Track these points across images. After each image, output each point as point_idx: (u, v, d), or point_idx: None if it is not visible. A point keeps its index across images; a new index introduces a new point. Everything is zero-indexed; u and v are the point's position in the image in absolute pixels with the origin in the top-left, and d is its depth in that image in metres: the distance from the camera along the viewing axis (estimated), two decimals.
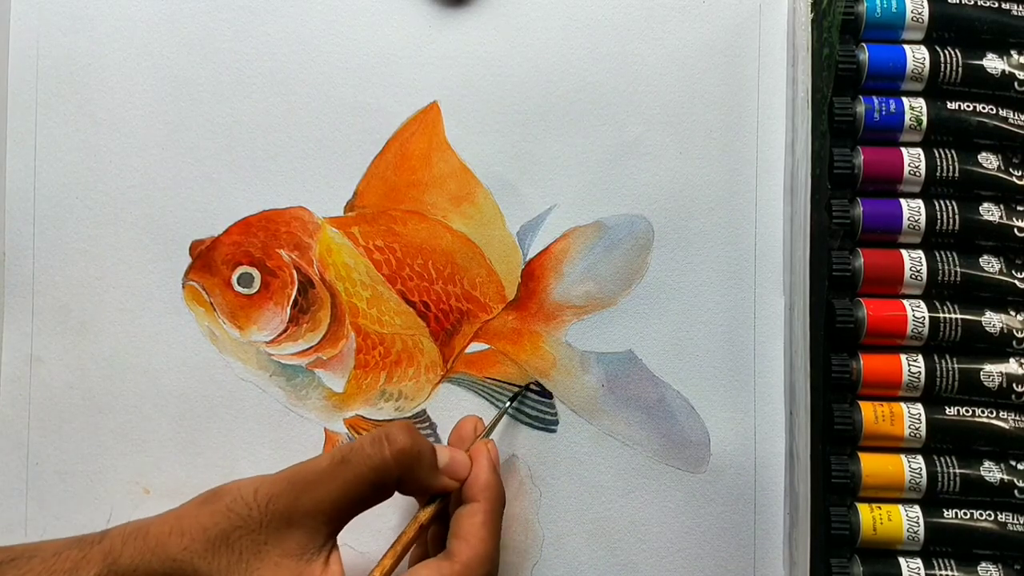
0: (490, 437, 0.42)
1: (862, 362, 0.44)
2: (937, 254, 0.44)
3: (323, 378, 0.44)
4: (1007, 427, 0.43)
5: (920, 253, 0.44)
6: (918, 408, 0.44)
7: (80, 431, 0.44)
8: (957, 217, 0.44)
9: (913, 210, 0.44)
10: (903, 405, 0.44)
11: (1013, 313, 0.44)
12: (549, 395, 0.44)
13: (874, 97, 0.45)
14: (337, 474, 0.35)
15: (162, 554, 0.34)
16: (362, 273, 0.45)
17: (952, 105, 0.45)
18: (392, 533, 0.43)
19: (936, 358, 0.44)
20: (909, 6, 0.45)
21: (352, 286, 0.45)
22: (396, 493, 0.37)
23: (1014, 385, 0.43)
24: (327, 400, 0.44)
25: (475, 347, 0.45)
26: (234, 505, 0.35)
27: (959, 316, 0.44)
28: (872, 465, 0.43)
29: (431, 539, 0.40)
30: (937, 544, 0.43)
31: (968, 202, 0.44)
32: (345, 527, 0.36)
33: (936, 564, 0.43)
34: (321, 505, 0.35)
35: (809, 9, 0.45)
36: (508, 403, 0.43)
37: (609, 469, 0.44)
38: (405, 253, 0.45)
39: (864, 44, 0.45)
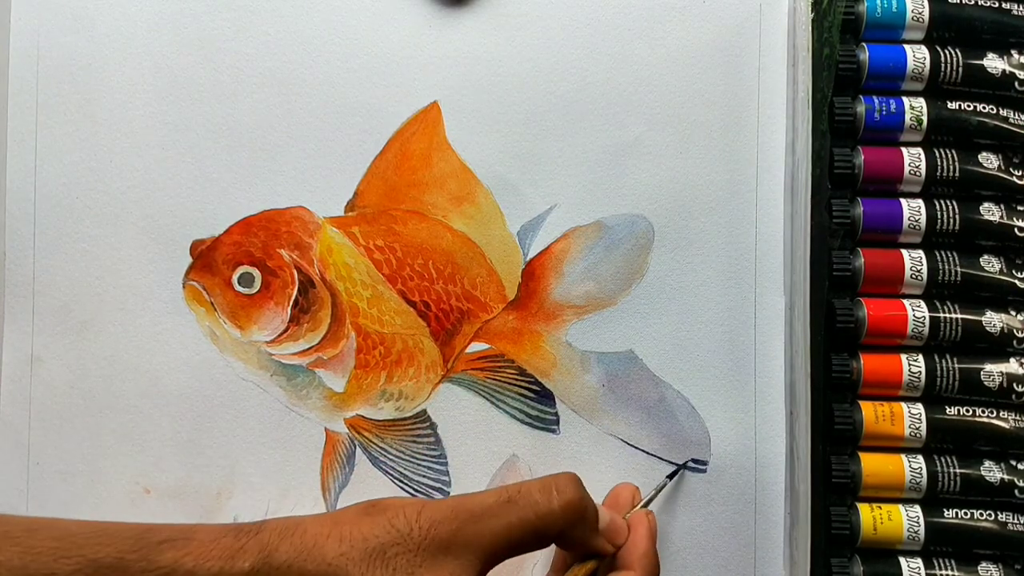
0: (648, 508, 0.42)
1: (862, 362, 0.44)
2: (937, 254, 0.44)
3: (324, 378, 0.44)
4: (1007, 427, 0.43)
5: (920, 253, 0.44)
6: (918, 408, 0.44)
7: (80, 431, 0.44)
8: (957, 217, 0.44)
9: (913, 210, 0.44)
10: (903, 405, 0.44)
11: (1013, 313, 0.44)
12: (550, 396, 0.44)
13: (874, 97, 0.45)
14: (502, 512, 0.35)
15: (318, 556, 0.34)
16: (363, 273, 0.45)
17: (952, 105, 0.45)
18: None
19: (936, 358, 0.44)
20: (909, 6, 0.45)
21: (353, 286, 0.45)
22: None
23: (1014, 385, 0.43)
24: (328, 400, 0.44)
25: (475, 347, 0.45)
26: (396, 521, 0.35)
27: (959, 316, 0.44)
28: (872, 465, 0.43)
29: None
30: (937, 544, 0.43)
31: (968, 202, 0.44)
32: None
33: (936, 564, 0.43)
34: (481, 540, 0.35)
35: (809, 9, 0.45)
36: (667, 480, 0.43)
37: (609, 469, 0.44)
38: (405, 253, 0.45)
39: (864, 44, 0.45)
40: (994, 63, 0.44)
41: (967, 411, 0.44)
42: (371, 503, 0.36)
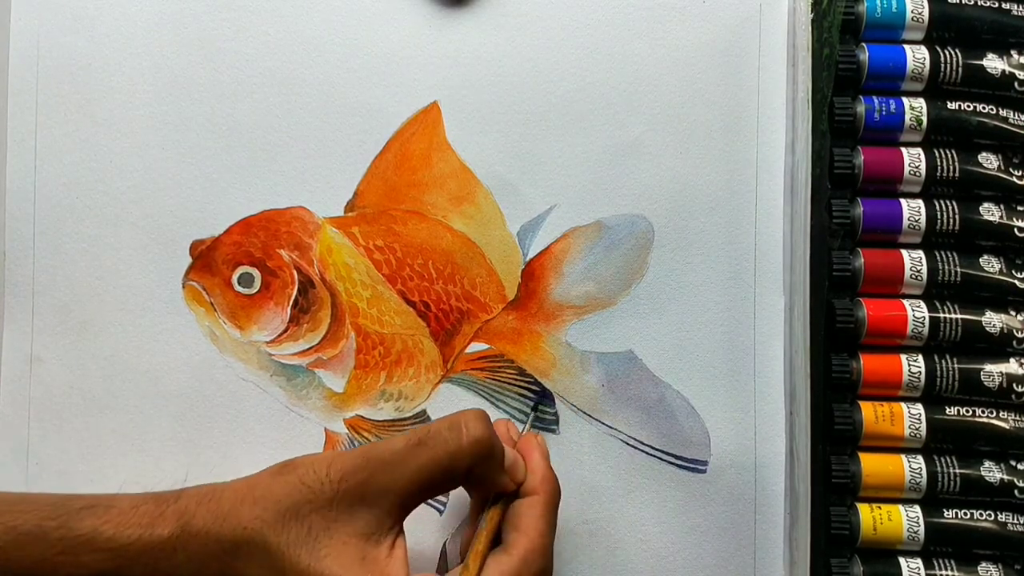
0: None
1: (862, 362, 0.44)
2: (937, 254, 0.44)
3: (323, 378, 0.44)
4: (1007, 427, 0.43)
5: (920, 253, 0.44)
6: (918, 408, 0.44)
7: (80, 431, 0.44)
8: (957, 217, 0.44)
9: (913, 210, 0.44)
10: (903, 405, 0.44)
11: (1013, 313, 0.44)
12: (550, 396, 0.44)
13: (874, 97, 0.45)
14: (412, 456, 0.35)
15: (234, 521, 0.34)
16: (362, 273, 0.45)
17: (952, 105, 0.45)
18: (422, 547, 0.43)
19: (936, 358, 0.44)
20: (909, 6, 0.45)
21: (352, 286, 0.45)
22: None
23: (1014, 385, 0.43)
24: (327, 400, 0.44)
25: (475, 347, 0.45)
26: (306, 478, 0.35)
27: (959, 316, 0.44)
28: (872, 465, 0.43)
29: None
30: (937, 544, 0.43)
31: (968, 202, 0.44)
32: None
33: (936, 564, 0.43)
34: (394, 485, 0.35)
35: (809, 9, 0.45)
36: (534, 413, 0.44)
37: (609, 469, 0.44)
38: (405, 253, 0.45)
39: (864, 44, 0.45)
40: (994, 63, 0.44)
41: (967, 411, 0.44)
42: (284, 463, 0.37)
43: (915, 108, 0.44)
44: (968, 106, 0.44)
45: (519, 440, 0.40)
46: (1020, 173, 0.44)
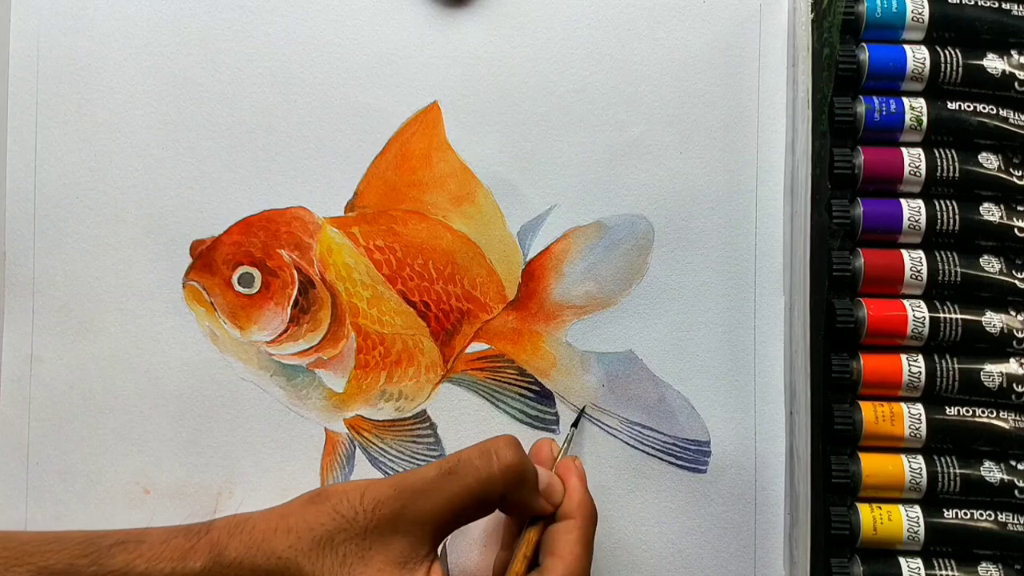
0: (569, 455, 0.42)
1: (862, 362, 0.44)
2: (937, 254, 0.44)
3: (323, 378, 0.44)
4: (1007, 427, 0.43)
5: (920, 253, 0.44)
6: (918, 408, 0.44)
7: (80, 431, 0.44)
8: (957, 217, 0.44)
9: (913, 210, 0.44)
10: (903, 405, 0.44)
11: (1013, 313, 0.44)
12: (551, 397, 0.44)
13: (874, 97, 0.45)
14: (444, 484, 0.36)
15: (267, 550, 0.34)
16: (362, 273, 0.45)
17: (952, 105, 0.45)
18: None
19: (936, 358, 0.44)
20: (909, 6, 0.45)
21: (352, 286, 0.45)
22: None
23: (1014, 385, 0.43)
24: (327, 400, 0.44)
25: (475, 347, 0.45)
26: (340, 507, 0.35)
27: (959, 316, 0.44)
28: (872, 465, 0.43)
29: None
30: (937, 544, 0.43)
31: (968, 202, 0.44)
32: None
33: (936, 564, 0.43)
34: (427, 514, 0.35)
35: (809, 9, 0.45)
36: (573, 429, 0.43)
37: (610, 469, 0.44)
38: (405, 253, 0.45)
39: (864, 44, 0.45)
40: (994, 63, 0.44)
41: (967, 411, 0.44)
42: (316, 492, 0.37)
43: (915, 108, 0.44)
44: (968, 106, 0.44)
45: (557, 464, 0.41)
46: (1020, 173, 0.44)
